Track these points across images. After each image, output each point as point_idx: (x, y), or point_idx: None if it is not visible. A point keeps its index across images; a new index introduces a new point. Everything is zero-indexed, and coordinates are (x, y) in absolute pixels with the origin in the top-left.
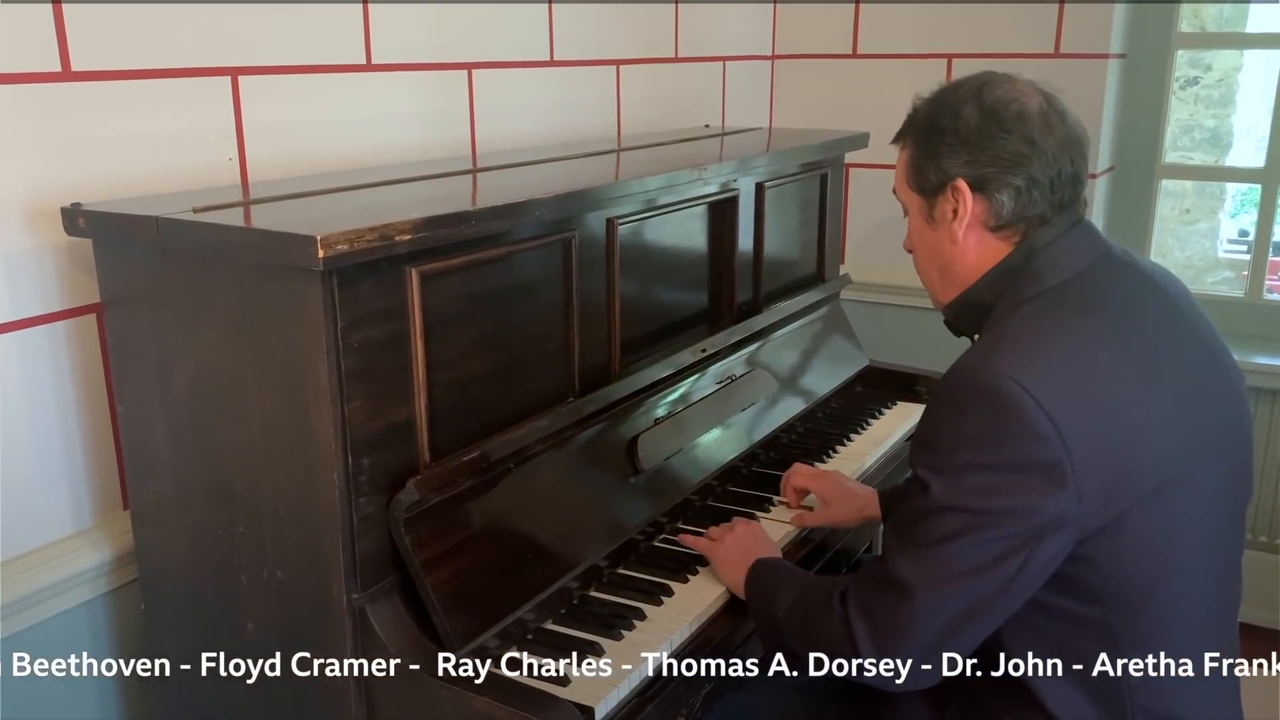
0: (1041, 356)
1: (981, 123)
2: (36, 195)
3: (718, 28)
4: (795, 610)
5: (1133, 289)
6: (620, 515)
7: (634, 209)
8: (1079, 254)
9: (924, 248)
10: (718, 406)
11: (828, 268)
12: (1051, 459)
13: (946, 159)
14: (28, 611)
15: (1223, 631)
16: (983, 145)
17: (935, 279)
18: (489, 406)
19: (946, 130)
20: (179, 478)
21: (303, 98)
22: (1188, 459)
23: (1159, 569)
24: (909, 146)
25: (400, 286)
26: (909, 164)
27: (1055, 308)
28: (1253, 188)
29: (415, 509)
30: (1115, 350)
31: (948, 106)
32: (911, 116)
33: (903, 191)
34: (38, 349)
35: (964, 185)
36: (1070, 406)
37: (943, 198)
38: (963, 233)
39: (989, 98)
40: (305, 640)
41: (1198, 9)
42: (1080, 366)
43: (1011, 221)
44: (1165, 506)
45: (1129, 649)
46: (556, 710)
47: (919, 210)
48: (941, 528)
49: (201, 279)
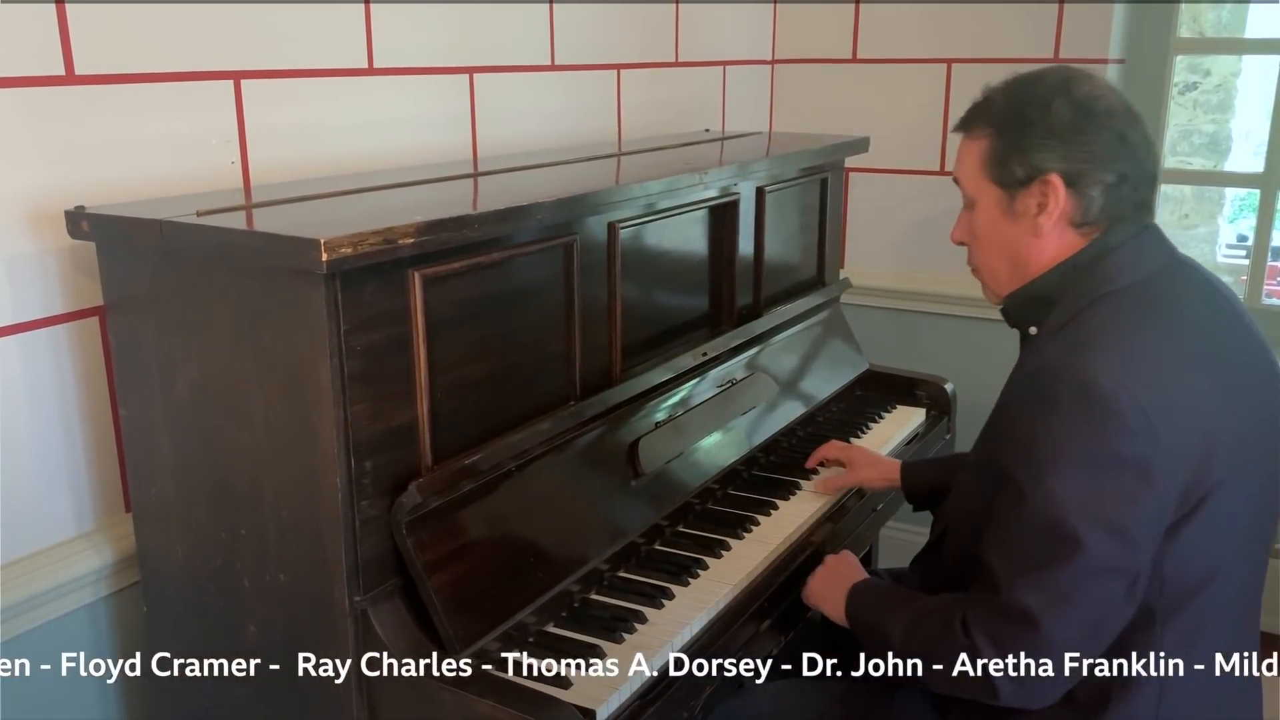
0: (1130, 353)
1: (1074, 117)
2: (40, 198)
3: (718, 32)
4: (913, 642)
5: (1199, 294)
6: (621, 518)
7: (635, 213)
8: (1149, 256)
9: (995, 240)
10: (718, 410)
11: (828, 272)
12: (1143, 454)
13: (1037, 152)
14: (30, 614)
15: (1248, 631)
16: (1076, 140)
17: (1003, 272)
18: (491, 410)
19: (1036, 123)
20: (181, 480)
21: (305, 101)
22: (1242, 459)
23: (1209, 567)
24: (986, 137)
25: (403, 290)
26: (988, 155)
27: (1133, 306)
28: (1251, 193)
29: (417, 512)
30: (1190, 351)
31: (1035, 98)
32: (983, 106)
33: (973, 182)
34: (40, 352)
35: (1058, 180)
36: (1158, 402)
37: (1027, 191)
38: (1047, 227)
39: (1078, 92)
40: (307, 643)
41: (1197, 14)
42: (1163, 364)
43: (1096, 218)
44: (1221, 504)
45: (1163, 647)
46: (558, 712)
47: (996, 202)
48: (1052, 545)
49: (204, 282)
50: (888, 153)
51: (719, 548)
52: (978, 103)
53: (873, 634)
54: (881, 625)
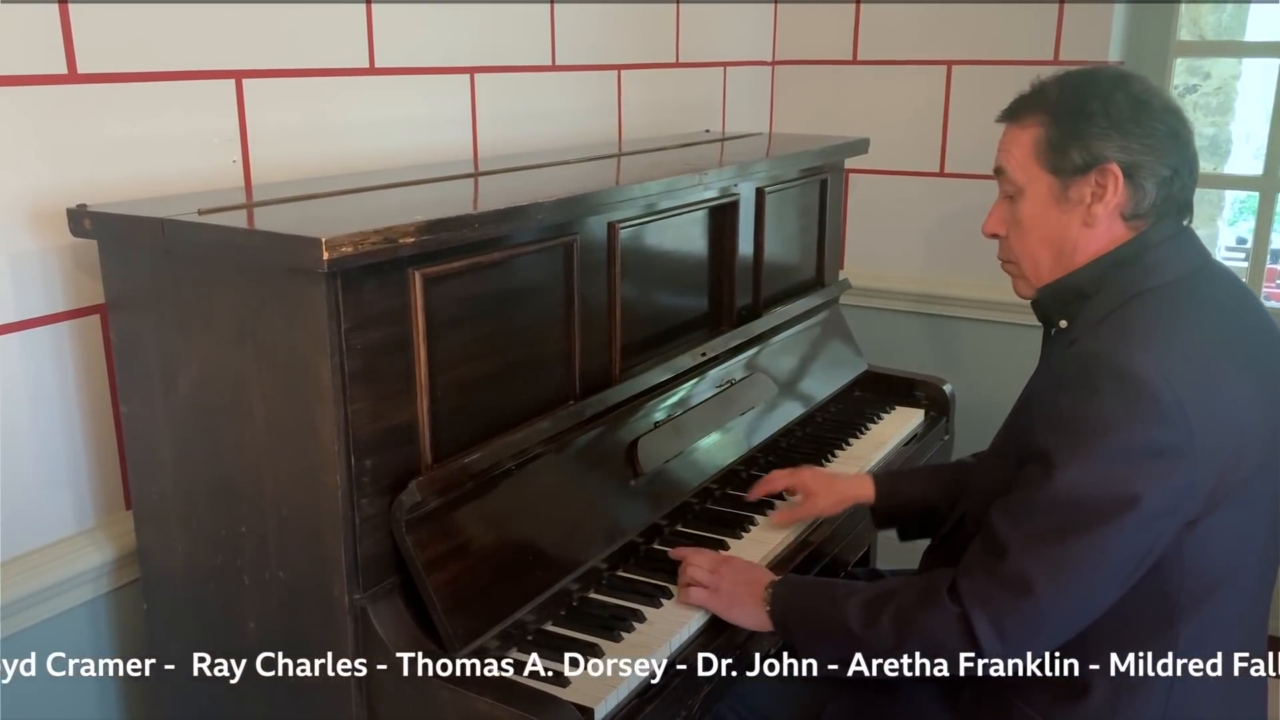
0: (1172, 345)
1: (1133, 110)
2: (42, 197)
3: (718, 33)
4: (879, 618)
5: (1233, 297)
6: (620, 518)
7: (635, 213)
8: (1187, 256)
9: (1041, 229)
10: (717, 410)
11: (827, 272)
12: (1177, 445)
13: (1097, 141)
14: (29, 611)
15: (1259, 630)
16: (1135, 131)
17: (1046, 261)
18: (491, 409)
19: (1096, 113)
20: (182, 478)
21: (307, 101)
22: (1266, 458)
23: (1229, 565)
24: (1040, 124)
25: (403, 289)
26: (1042, 141)
27: (1173, 303)
28: (1251, 195)
29: (417, 510)
30: (1229, 351)
31: (1093, 90)
32: (1036, 95)
33: (1024, 170)
34: (42, 349)
35: (1117, 169)
36: (1196, 395)
37: (1083, 180)
38: (1101, 216)
39: (1135, 88)
40: (307, 641)
41: (1196, 17)
42: (1203, 359)
43: (1147, 211)
44: (1246, 503)
45: (1176, 645)
46: (557, 711)
47: (1049, 190)
48: (1065, 519)
49: (205, 280)
50: (888, 154)
51: (718, 547)
52: (1026, 94)
53: (816, 628)
54: (829, 615)
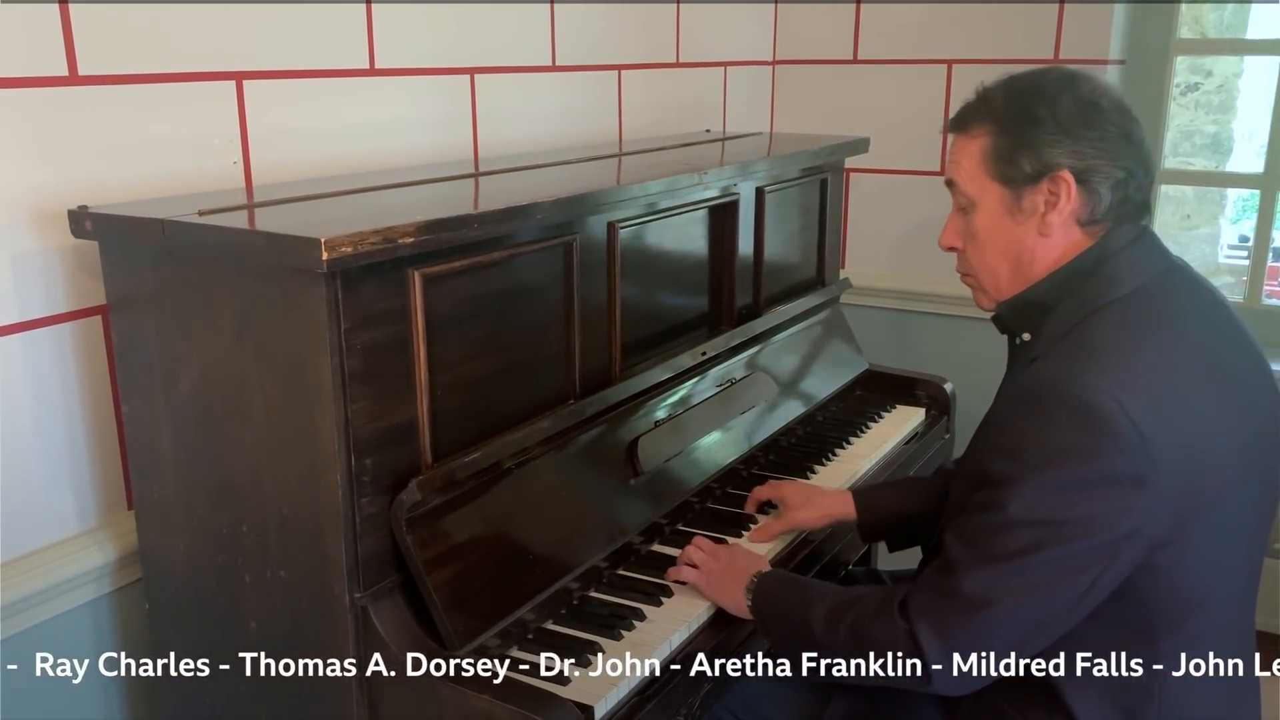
0: (1131, 371)
1: (1082, 113)
2: (43, 198)
3: (719, 33)
4: (839, 625)
5: (1197, 304)
6: (620, 517)
7: (635, 213)
8: (1148, 263)
9: (997, 241)
10: (718, 409)
11: (828, 272)
12: (1137, 472)
13: (1047, 148)
14: (32, 611)
15: (1245, 635)
16: (1086, 135)
17: (1003, 275)
18: (491, 408)
19: (1044, 119)
20: (183, 478)
21: (307, 102)
22: (1243, 468)
23: (1213, 577)
24: (987, 134)
25: (403, 288)
26: (990, 151)
27: (1134, 318)
28: (1253, 193)
29: (417, 509)
30: (1192, 367)
31: (1040, 94)
32: (982, 103)
33: (974, 182)
34: (44, 350)
35: (1069, 176)
36: (1156, 420)
37: (1035, 188)
38: (1056, 224)
39: (1082, 89)
40: (308, 639)
41: (1198, 15)
42: (1164, 382)
43: (1103, 216)
44: (1222, 513)
45: (1166, 656)
46: (557, 709)
47: (1000, 201)
48: (1018, 542)
49: (206, 281)
50: (888, 153)
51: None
52: (972, 102)
53: (785, 623)
54: (797, 613)
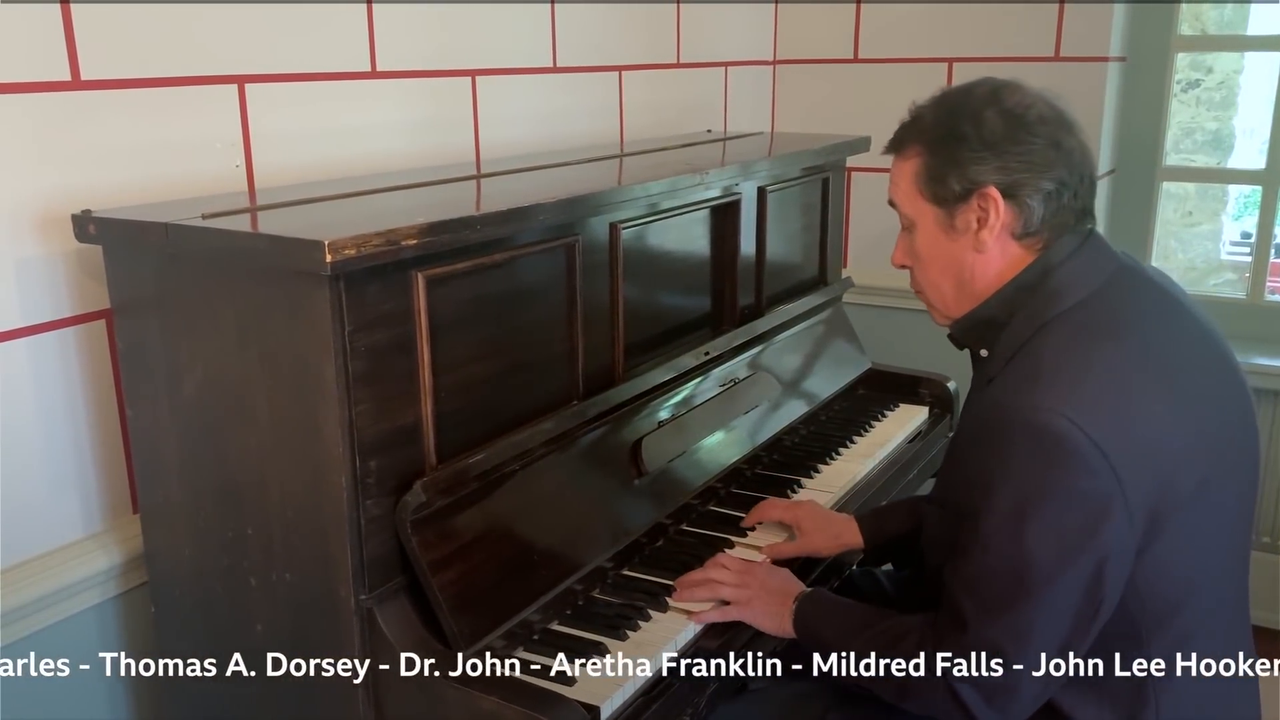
0: (1082, 387)
1: (1006, 127)
2: (47, 203)
3: (719, 33)
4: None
5: (1149, 304)
6: (624, 517)
7: (637, 213)
8: (1095, 270)
9: (938, 260)
10: (721, 409)
11: (830, 271)
12: (1105, 491)
13: (972, 166)
14: (38, 615)
15: (1239, 633)
16: (1011, 150)
17: (949, 293)
18: (494, 409)
19: (969, 136)
20: (188, 481)
21: (309, 105)
22: (1214, 465)
23: (1192, 576)
24: (918, 155)
25: (406, 290)
26: (921, 173)
27: (1082, 330)
28: (1255, 189)
29: (422, 511)
30: (1144, 372)
31: (965, 112)
32: (913, 124)
33: (910, 203)
34: (48, 354)
35: (995, 192)
36: (1115, 435)
37: (966, 206)
38: (990, 241)
39: (1008, 101)
40: (313, 642)
41: (1198, 12)
42: (1116, 392)
43: (1038, 228)
44: (1195, 518)
45: (1157, 653)
46: (563, 709)
47: (935, 221)
48: (1016, 586)
49: (210, 284)
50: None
51: (723, 546)
52: (906, 122)
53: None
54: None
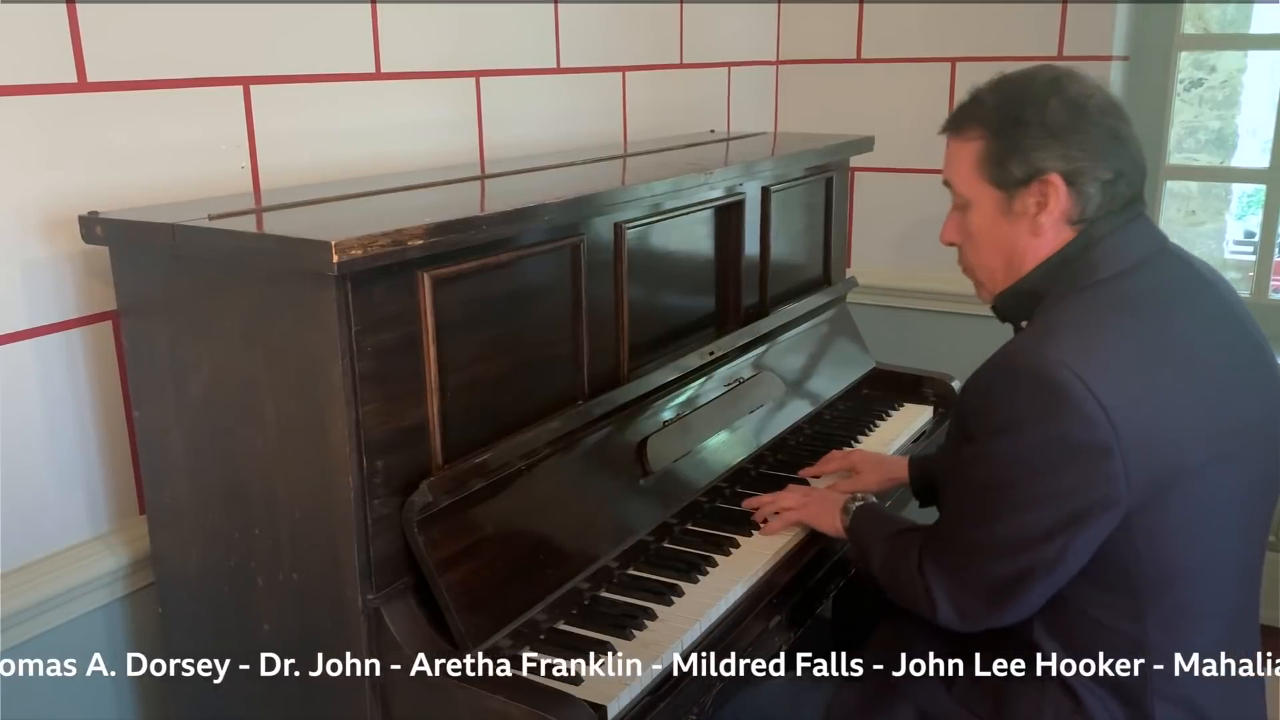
0: (1091, 344)
1: (1070, 116)
2: (54, 204)
3: (722, 34)
4: (885, 566)
5: (1182, 287)
6: (630, 517)
7: (641, 213)
8: (1136, 247)
9: (992, 240)
10: (725, 409)
11: (834, 271)
12: (1100, 442)
13: (1035, 152)
14: (46, 615)
15: (1245, 629)
16: (1073, 138)
17: (999, 270)
18: (500, 409)
19: (1032, 123)
20: (195, 482)
21: (314, 106)
22: (1225, 449)
23: (1189, 553)
24: (980, 138)
25: (412, 291)
26: (984, 156)
27: (1106, 300)
28: (1258, 188)
29: (428, 510)
30: (1161, 346)
31: (1028, 98)
32: (973, 106)
33: (968, 184)
34: (55, 356)
35: (1058, 179)
36: (1117, 391)
37: (1026, 191)
38: (1048, 226)
39: (1071, 90)
40: (321, 641)
41: (1201, 11)
42: (1126, 355)
43: (1094, 215)
44: (1202, 492)
45: (1154, 633)
46: (570, 709)
47: (993, 204)
48: (996, 502)
49: (216, 285)
50: (892, 152)
51: (728, 545)
52: (966, 104)
53: (861, 550)
54: (870, 545)
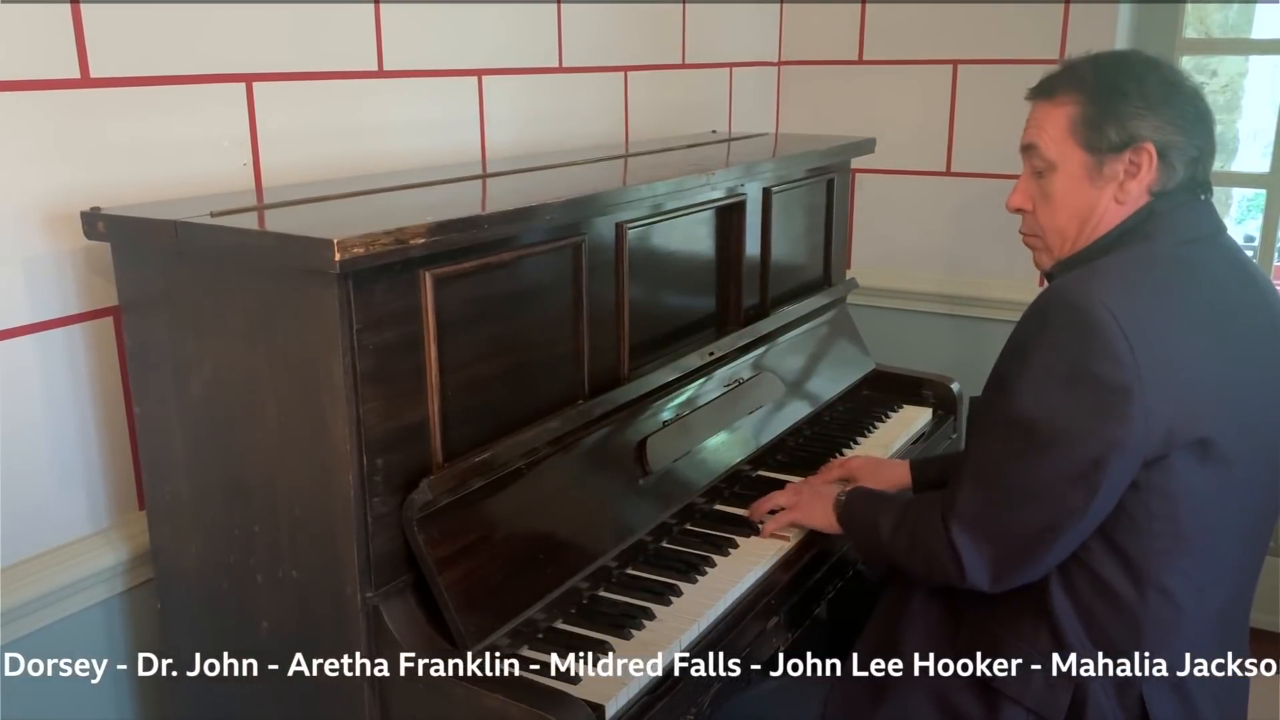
0: (1132, 291)
1: (1166, 91)
2: (56, 200)
3: (724, 34)
4: (900, 530)
5: (1229, 271)
6: (629, 516)
7: (642, 214)
8: (1194, 225)
9: (1072, 204)
10: (725, 410)
11: (834, 272)
12: (1124, 382)
13: (1133, 120)
14: (44, 611)
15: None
16: (1168, 112)
17: (1071, 233)
18: (500, 408)
19: (1131, 93)
20: (195, 478)
21: (316, 104)
22: (1237, 437)
23: (1197, 519)
24: (1076, 103)
25: (414, 289)
26: (1078, 119)
27: (1152, 259)
28: (1259, 193)
29: (428, 509)
30: (1197, 313)
31: (1126, 70)
32: (1068, 72)
33: (1057, 146)
34: (56, 351)
35: (1152, 148)
36: (1149, 340)
37: (1117, 158)
38: (1133, 192)
39: (1166, 70)
40: (320, 639)
41: (1203, 14)
42: (1164, 312)
43: (1174, 189)
44: (1217, 457)
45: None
46: (568, 708)
47: (1081, 166)
48: (1018, 444)
49: (218, 282)
50: (894, 154)
51: (727, 545)
52: (1059, 72)
53: (863, 532)
54: (872, 520)
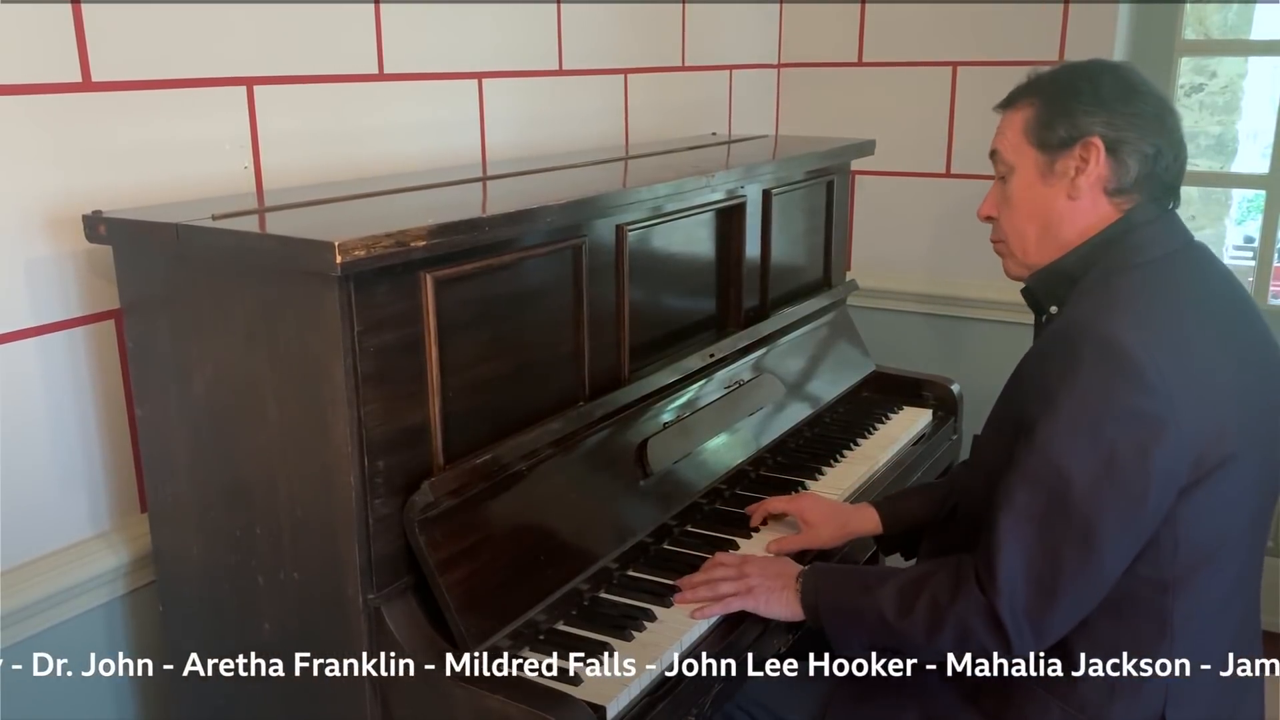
0: (1148, 318)
1: (1120, 90)
2: (57, 203)
3: (724, 36)
4: (916, 604)
5: (1212, 276)
6: (630, 518)
7: (642, 216)
8: (1171, 237)
9: (1028, 205)
10: (725, 411)
11: (834, 273)
12: (1159, 413)
13: (1082, 116)
14: (46, 613)
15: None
16: (1121, 110)
17: (1031, 239)
18: (501, 410)
19: (1084, 91)
20: (197, 480)
21: (317, 107)
22: (1249, 441)
23: (1218, 537)
24: (1032, 105)
25: (415, 291)
26: (1032, 120)
27: (1157, 277)
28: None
29: (430, 510)
30: (1208, 326)
31: (1083, 73)
32: (1030, 84)
33: (1014, 150)
34: (58, 354)
35: (1099, 143)
36: (1175, 366)
37: (1068, 154)
38: (1084, 189)
39: (1125, 73)
40: (321, 640)
41: (1202, 15)
42: (1182, 333)
43: (1130, 188)
44: (1230, 477)
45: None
46: (569, 709)
47: (1034, 165)
48: (1061, 493)
49: (219, 284)
50: (894, 155)
51: (727, 546)
52: (1023, 84)
53: (849, 613)
54: (862, 601)
